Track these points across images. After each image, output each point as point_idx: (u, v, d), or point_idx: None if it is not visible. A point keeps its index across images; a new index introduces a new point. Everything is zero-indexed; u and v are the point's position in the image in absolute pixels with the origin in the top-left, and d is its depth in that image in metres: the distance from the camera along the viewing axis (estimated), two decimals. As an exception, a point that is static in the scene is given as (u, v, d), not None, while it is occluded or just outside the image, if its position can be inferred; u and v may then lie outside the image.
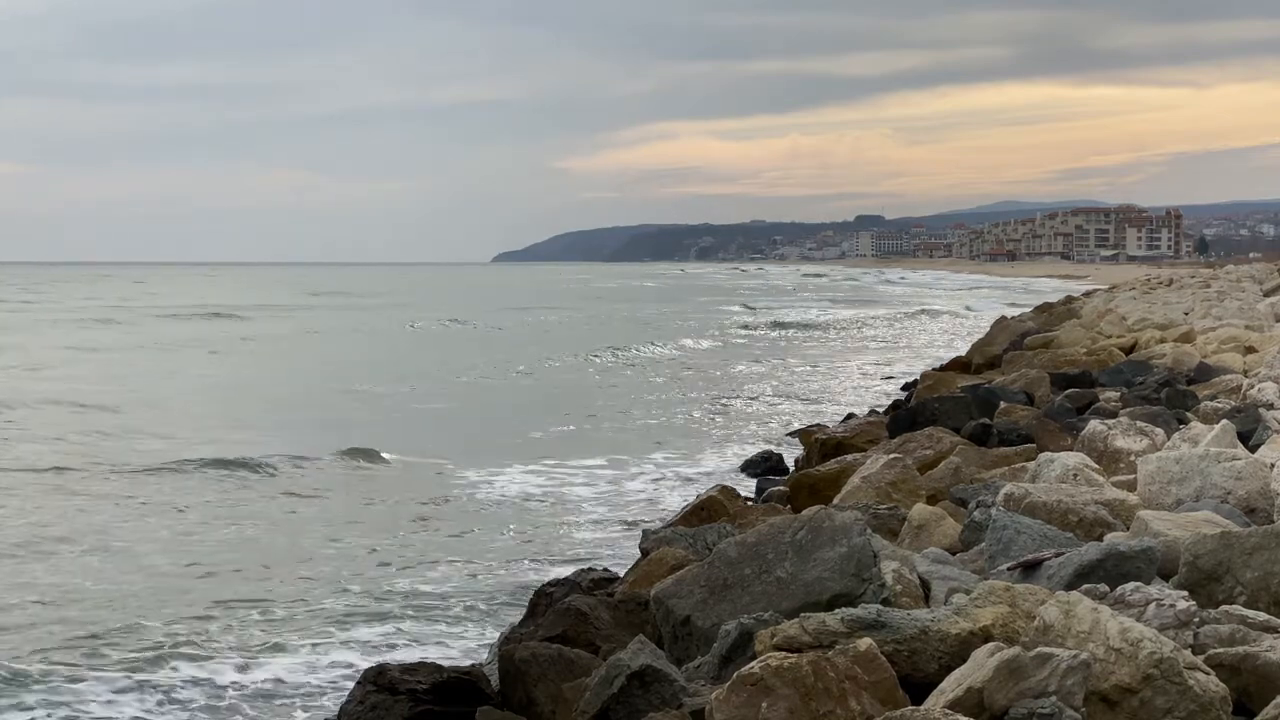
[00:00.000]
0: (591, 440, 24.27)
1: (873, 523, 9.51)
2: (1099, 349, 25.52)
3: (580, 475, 20.36)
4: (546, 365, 42.01)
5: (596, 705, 7.03)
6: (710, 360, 44.69)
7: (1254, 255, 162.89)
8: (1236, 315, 29.80)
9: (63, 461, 21.04)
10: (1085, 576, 7.09)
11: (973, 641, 6.39)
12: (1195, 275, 65.92)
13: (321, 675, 10.82)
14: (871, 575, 7.54)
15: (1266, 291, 42.58)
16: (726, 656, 7.07)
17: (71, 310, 78.04)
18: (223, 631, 12.04)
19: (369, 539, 15.87)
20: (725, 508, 13.14)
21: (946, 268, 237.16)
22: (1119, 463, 11.49)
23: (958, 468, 12.60)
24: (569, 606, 9.46)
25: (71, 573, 14.12)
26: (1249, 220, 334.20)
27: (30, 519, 16.84)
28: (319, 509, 17.88)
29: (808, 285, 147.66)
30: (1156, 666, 5.81)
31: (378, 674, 8.67)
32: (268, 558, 14.97)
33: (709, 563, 8.15)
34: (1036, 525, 8.30)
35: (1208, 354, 21.85)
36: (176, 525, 16.68)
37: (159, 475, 20.01)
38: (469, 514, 17.54)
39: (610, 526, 16.61)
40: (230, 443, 22.94)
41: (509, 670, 8.47)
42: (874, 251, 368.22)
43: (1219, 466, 9.29)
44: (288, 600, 13.11)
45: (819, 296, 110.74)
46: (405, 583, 13.84)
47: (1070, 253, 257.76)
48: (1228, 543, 7.22)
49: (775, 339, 57.12)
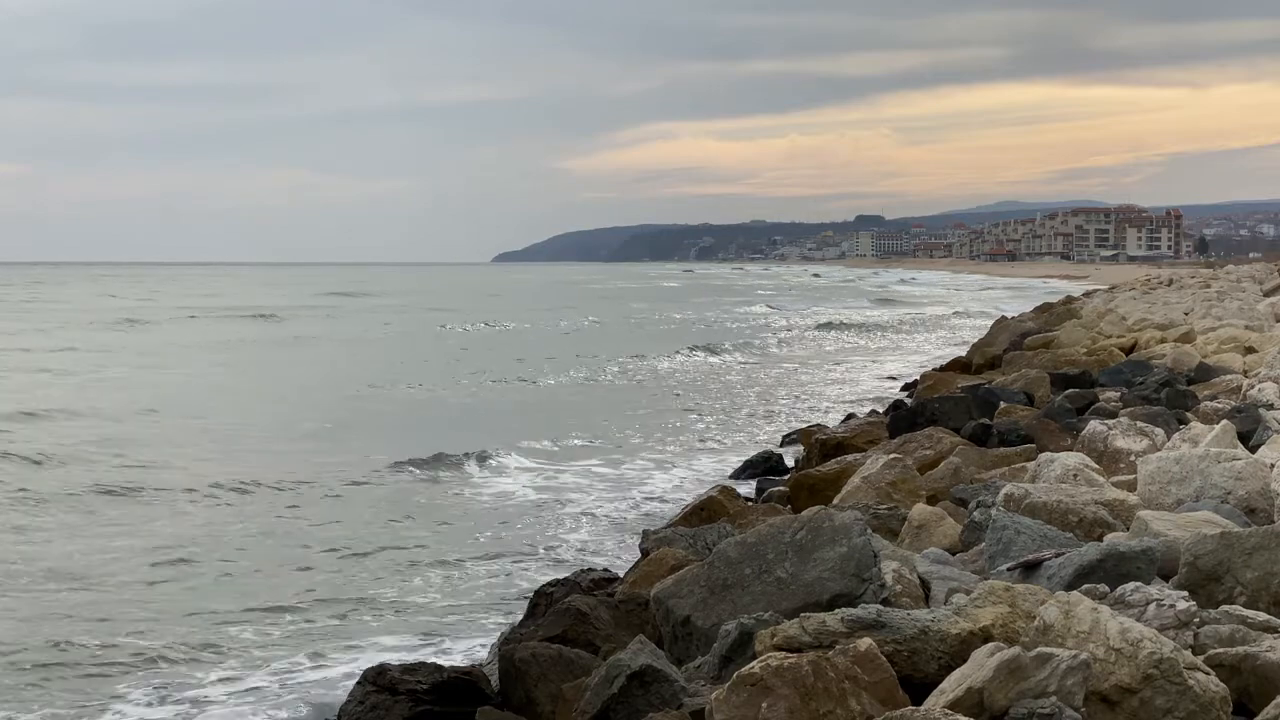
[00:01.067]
0: (594, 441, 24.27)
1: (873, 523, 9.51)
2: (1099, 349, 25.54)
3: (581, 475, 20.36)
4: (615, 367, 41.84)
5: (596, 705, 7.03)
6: (780, 359, 44.76)
7: (1254, 255, 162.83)
8: (1236, 315, 29.79)
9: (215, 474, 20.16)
10: (1085, 576, 7.09)
11: (973, 641, 6.39)
12: (1195, 275, 65.91)
13: (321, 675, 10.81)
14: (871, 575, 7.53)
15: (1266, 291, 42.59)
16: (726, 656, 7.07)
17: (101, 311, 77.89)
18: (223, 631, 12.05)
19: (369, 538, 15.87)
20: (725, 508, 13.15)
21: (947, 268, 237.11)
22: (1119, 463, 11.49)
23: (958, 468, 12.61)
24: (569, 606, 9.46)
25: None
26: (1249, 220, 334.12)
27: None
28: (318, 508, 17.87)
29: (821, 285, 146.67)
30: (1156, 666, 5.81)
31: (378, 674, 8.67)
32: (268, 557, 14.97)
33: (709, 563, 8.15)
34: (1036, 525, 8.29)
35: (1208, 354, 21.85)
36: (174, 526, 16.70)
37: (154, 478, 20.04)
38: (469, 513, 17.54)
39: (610, 526, 16.61)
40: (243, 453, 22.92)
41: (509, 670, 8.47)
42: (874, 252, 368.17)
43: (1219, 466, 9.29)
44: (287, 600, 13.12)
45: (846, 295, 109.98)
46: (406, 582, 13.84)
47: (1070, 253, 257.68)
48: (1228, 543, 7.22)
49: (836, 339, 56.39)
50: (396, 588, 13.62)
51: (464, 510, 17.80)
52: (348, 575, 14.15)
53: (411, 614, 12.67)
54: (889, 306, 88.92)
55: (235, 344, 51.53)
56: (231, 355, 46.11)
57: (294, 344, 52.85)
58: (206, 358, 44.67)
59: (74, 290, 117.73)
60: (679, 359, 44.39)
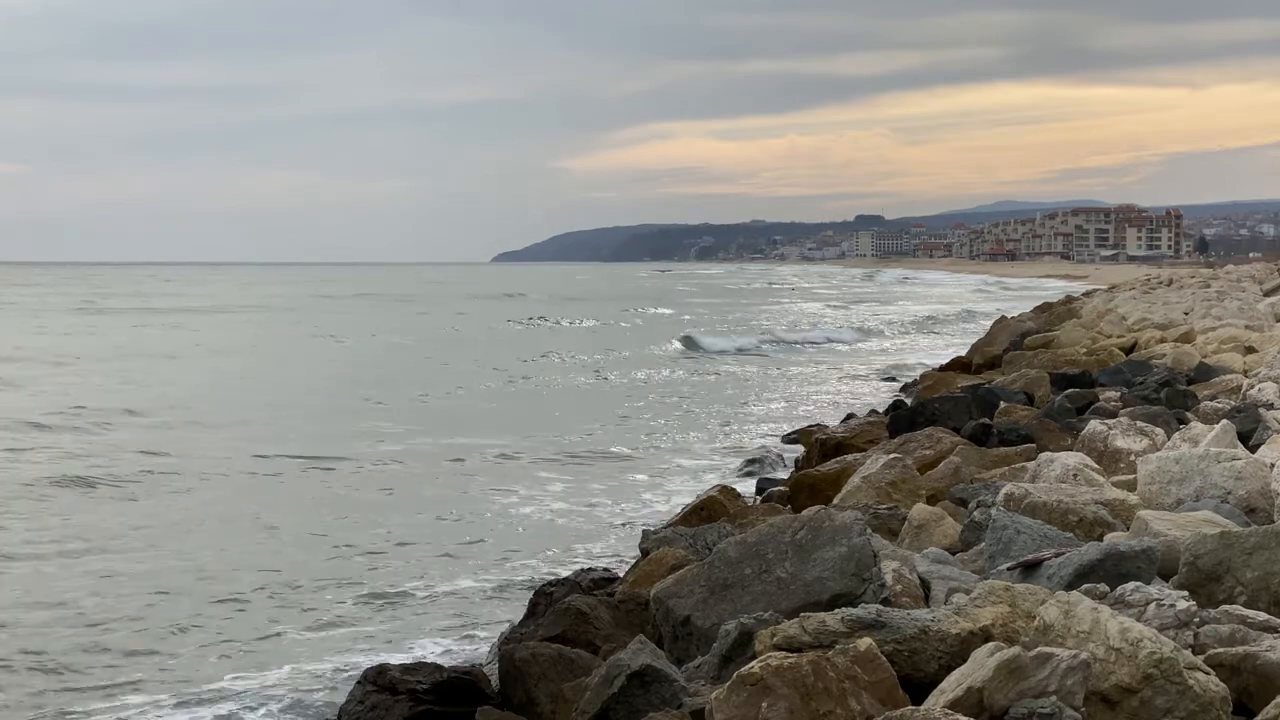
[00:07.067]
0: (595, 441, 24.26)
1: (873, 523, 9.52)
2: (1099, 349, 25.54)
3: (581, 475, 20.36)
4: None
5: (596, 705, 7.03)
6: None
7: (1254, 255, 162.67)
8: (1236, 315, 29.80)
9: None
10: (1085, 576, 7.08)
11: (973, 641, 6.39)
12: (1195, 275, 65.85)
13: (321, 675, 10.80)
14: (871, 575, 7.53)
15: (1266, 291, 42.59)
16: (726, 656, 7.06)
17: (134, 309, 78.45)
18: (221, 630, 12.04)
19: (368, 536, 15.87)
20: (725, 508, 13.14)
21: (947, 268, 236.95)
22: (1119, 463, 11.49)
23: (958, 468, 12.60)
24: (569, 606, 9.46)
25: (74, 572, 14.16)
26: (1249, 220, 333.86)
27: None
28: (319, 509, 17.87)
29: (840, 288, 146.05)
30: (1156, 666, 5.80)
31: (378, 674, 8.67)
32: (266, 557, 14.96)
33: (709, 563, 8.15)
34: (1036, 525, 8.29)
35: (1208, 354, 21.85)
36: (166, 523, 16.71)
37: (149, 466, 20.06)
38: (469, 513, 17.53)
39: (610, 526, 16.60)
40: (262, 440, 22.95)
41: (509, 670, 8.47)
42: (874, 251, 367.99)
43: (1219, 466, 9.29)
44: (286, 598, 13.12)
45: (869, 296, 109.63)
46: (405, 582, 13.83)
47: (1070, 253, 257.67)
48: (1228, 543, 7.21)
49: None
50: (396, 586, 13.61)
51: (464, 509, 17.79)
52: (347, 573, 14.14)
53: (411, 613, 12.67)
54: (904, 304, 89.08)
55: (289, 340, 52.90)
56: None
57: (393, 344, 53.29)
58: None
59: (88, 290, 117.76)
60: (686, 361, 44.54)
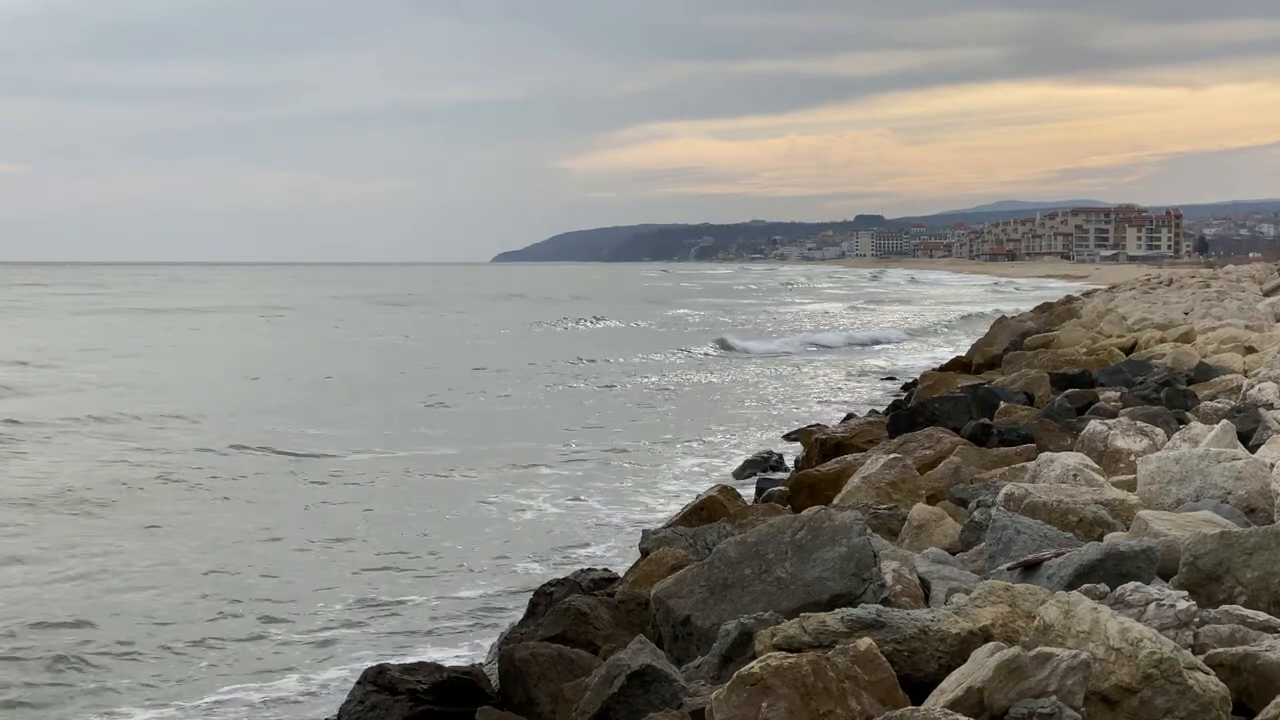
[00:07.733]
0: (594, 440, 24.27)
1: (873, 523, 9.51)
2: (1099, 349, 25.51)
3: (581, 475, 20.36)
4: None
5: (596, 705, 7.03)
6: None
7: (1254, 255, 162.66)
8: (1236, 315, 29.78)
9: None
10: (1085, 576, 7.08)
11: (973, 641, 6.39)
12: (1195, 275, 65.82)
13: (321, 675, 10.81)
14: (871, 575, 7.53)
15: (1266, 291, 42.57)
16: (726, 656, 7.06)
17: (183, 310, 78.80)
18: (220, 630, 12.05)
19: (369, 535, 15.88)
20: (725, 508, 13.13)
21: (947, 268, 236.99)
22: (1119, 463, 11.48)
23: (958, 468, 12.59)
24: (569, 606, 9.45)
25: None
26: (1249, 220, 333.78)
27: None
28: (316, 507, 17.88)
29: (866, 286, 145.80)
30: (1156, 666, 5.80)
31: (378, 674, 8.66)
32: (266, 556, 14.97)
33: (709, 563, 8.15)
34: (1036, 525, 8.29)
35: (1208, 354, 21.84)
36: (162, 522, 16.71)
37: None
38: (468, 513, 17.53)
39: (610, 526, 16.61)
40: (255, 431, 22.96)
41: (509, 670, 8.46)
42: (874, 251, 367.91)
43: (1219, 466, 9.28)
44: (286, 598, 13.12)
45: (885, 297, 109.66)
46: (405, 582, 13.84)
47: (1070, 252, 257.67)
48: (1228, 543, 7.21)
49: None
50: (397, 586, 13.61)
51: (464, 510, 17.80)
52: (346, 573, 14.14)
53: (412, 613, 12.67)
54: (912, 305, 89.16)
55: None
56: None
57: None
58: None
59: (103, 289, 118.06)
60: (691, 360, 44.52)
